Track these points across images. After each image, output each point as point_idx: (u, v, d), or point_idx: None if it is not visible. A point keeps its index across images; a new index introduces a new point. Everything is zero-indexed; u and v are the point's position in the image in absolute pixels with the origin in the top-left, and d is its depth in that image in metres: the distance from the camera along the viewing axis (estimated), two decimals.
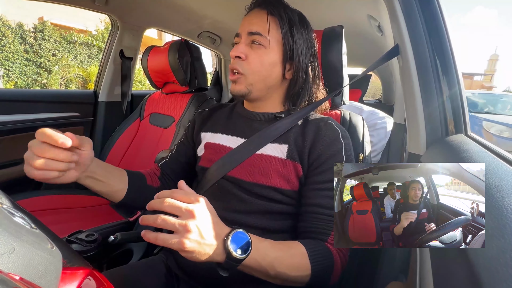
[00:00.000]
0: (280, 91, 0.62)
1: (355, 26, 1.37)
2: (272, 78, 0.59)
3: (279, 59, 0.58)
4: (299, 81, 0.59)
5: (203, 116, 0.71)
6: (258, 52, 0.57)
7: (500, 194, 0.24)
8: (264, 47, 0.57)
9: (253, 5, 0.60)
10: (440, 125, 0.53)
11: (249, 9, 0.61)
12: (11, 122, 1.12)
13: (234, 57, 0.58)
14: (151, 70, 1.29)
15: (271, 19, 0.57)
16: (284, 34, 0.57)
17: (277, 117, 0.61)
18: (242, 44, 0.58)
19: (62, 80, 7.21)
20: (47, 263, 0.24)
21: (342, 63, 0.70)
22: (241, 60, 0.57)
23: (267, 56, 0.57)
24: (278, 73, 0.59)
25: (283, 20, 0.57)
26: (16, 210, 0.30)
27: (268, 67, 0.57)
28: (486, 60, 42.57)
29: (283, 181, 0.55)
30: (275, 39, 0.57)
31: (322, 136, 0.56)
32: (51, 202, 1.07)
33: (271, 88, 0.60)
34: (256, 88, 0.58)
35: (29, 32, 6.69)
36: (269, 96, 0.62)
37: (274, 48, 0.57)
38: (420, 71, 0.53)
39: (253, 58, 0.57)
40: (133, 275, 0.56)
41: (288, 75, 0.60)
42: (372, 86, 5.39)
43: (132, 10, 1.33)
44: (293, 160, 0.55)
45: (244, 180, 0.56)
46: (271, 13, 0.57)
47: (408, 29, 0.54)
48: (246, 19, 0.59)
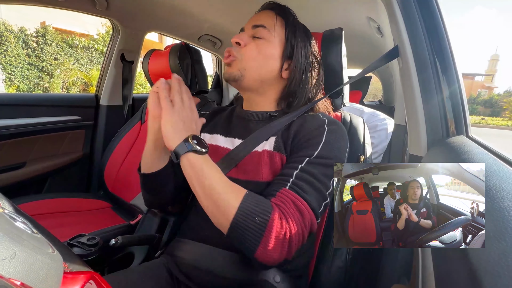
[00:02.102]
0: (275, 89, 0.63)
1: (355, 28, 1.37)
2: (268, 71, 0.60)
3: (278, 54, 0.59)
4: (295, 81, 0.60)
5: (205, 118, 0.71)
6: (258, 43, 0.59)
7: (501, 196, 0.24)
8: (266, 40, 0.59)
9: (262, 8, 0.64)
10: (440, 126, 0.53)
11: (258, 11, 0.64)
12: (13, 126, 1.13)
13: (235, 43, 0.60)
14: (152, 73, 1.30)
15: (278, 18, 0.60)
16: (287, 32, 0.59)
17: (271, 116, 0.62)
18: (245, 34, 0.60)
19: (64, 84, 7.26)
20: (48, 267, 0.24)
21: (342, 65, 0.70)
22: (239, 46, 0.59)
23: (266, 48, 0.59)
24: (274, 68, 0.60)
25: (289, 21, 0.60)
26: (17, 214, 0.30)
27: (264, 57, 0.59)
28: (487, 60, 42.54)
29: (272, 174, 0.55)
30: (278, 36, 0.59)
31: (307, 125, 0.56)
32: (52, 206, 1.07)
33: (265, 83, 0.61)
34: (249, 75, 0.59)
35: (31, 36, 6.75)
36: (263, 91, 0.63)
37: (276, 43, 0.59)
38: (420, 72, 0.53)
39: (251, 47, 0.59)
40: (134, 279, 0.56)
41: (285, 74, 0.61)
42: (373, 88, 5.39)
43: (133, 14, 1.34)
44: (280, 152, 0.56)
45: (239, 179, 0.57)
46: (278, 13, 0.61)
47: (408, 30, 0.55)
48: (254, 16, 0.63)
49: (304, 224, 0.46)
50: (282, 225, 0.44)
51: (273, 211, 0.44)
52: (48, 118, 1.26)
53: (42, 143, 1.24)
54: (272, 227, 0.43)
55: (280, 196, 0.47)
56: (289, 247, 0.44)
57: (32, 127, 1.19)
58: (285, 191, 0.48)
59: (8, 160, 1.14)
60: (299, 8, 0.64)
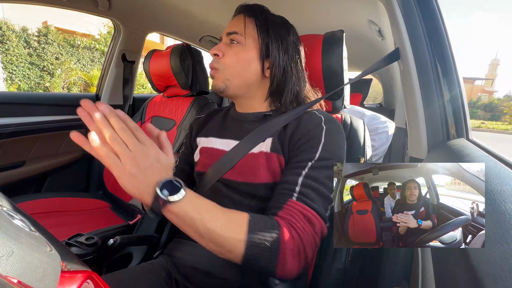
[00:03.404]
0: (262, 89, 0.63)
1: (356, 30, 1.37)
2: (250, 74, 0.60)
3: (256, 55, 0.59)
4: (277, 78, 0.60)
5: (200, 122, 0.73)
6: (235, 49, 0.59)
7: (502, 199, 0.24)
8: (241, 45, 0.59)
9: (236, 12, 0.65)
10: (441, 129, 0.53)
11: (232, 17, 0.65)
12: (13, 125, 1.13)
13: (213, 55, 0.60)
14: (153, 74, 1.30)
15: (248, 19, 0.60)
16: (259, 32, 0.59)
17: (266, 115, 0.62)
18: (221, 44, 0.61)
19: (65, 83, 7.27)
20: (46, 266, 0.24)
21: (343, 67, 0.71)
22: (218, 57, 0.60)
23: (243, 53, 0.59)
24: (256, 70, 0.60)
25: (259, 20, 0.60)
26: (15, 212, 0.30)
27: (244, 63, 0.59)
28: (487, 64, 42.65)
29: (270, 176, 0.55)
30: (251, 37, 0.59)
31: (304, 123, 0.56)
32: (51, 205, 1.07)
33: (252, 86, 0.61)
34: (234, 83, 0.60)
35: (33, 36, 6.76)
36: (251, 94, 0.63)
37: (250, 45, 0.59)
38: (421, 75, 0.53)
39: (229, 55, 0.59)
40: (132, 279, 0.56)
41: (267, 73, 0.61)
42: (373, 90, 5.40)
43: (135, 15, 1.35)
44: (277, 153, 0.55)
45: (236, 181, 0.57)
46: (248, 15, 0.61)
47: (409, 32, 0.55)
48: (228, 24, 0.64)
49: (315, 232, 0.46)
50: (294, 241, 0.43)
51: (282, 229, 0.43)
52: (48, 117, 1.26)
53: (42, 142, 1.24)
54: (286, 246, 0.42)
55: (288, 209, 0.47)
56: (305, 258, 0.45)
57: (32, 126, 1.19)
58: (293, 202, 0.47)
59: (8, 159, 1.14)
60: (300, 11, 0.64)
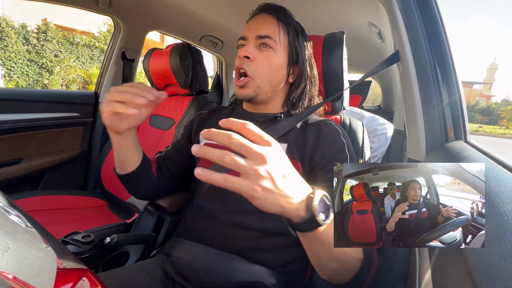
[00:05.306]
0: (282, 93, 0.63)
1: (356, 32, 1.38)
2: (278, 80, 0.60)
3: (285, 62, 0.60)
4: (301, 85, 0.61)
5: (202, 117, 0.72)
6: (266, 55, 0.58)
7: (500, 200, 0.24)
8: (273, 50, 0.58)
9: (259, 10, 0.62)
10: (439, 132, 0.53)
11: (254, 13, 0.62)
12: (11, 121, 1.12)
13: (243, 57, 0.58)
14: (152, 72, 1.30)
15: (280, 24, 0.59)
16: (291, 38, 0.59)
17: (276, 117, 0.62)
18: (251, 46, 0.59)
19: (63, 81, 7.24)
20: (42, 262, 0.24)
21: (343, 68, 0.71)
22: (249, 60, 0.58)
23: (275, 59, 0.58)
24: (283, 76, 0.60)
25: (290, 26, 0.60)
26: (12, 208, 0.30)
27: (275, 70, 0.59)
28: (485, 69, 42.95)
29: None
30: (283, 43, 0.59)
31: (324, 136, 0.57)
32: (48, 203, 1.06)
33: (275, 91, 0.62)
34: (263, 90, 0.60)
35: (32, 33, 6.73)
36: (271, 98, 0.63)
37: (282, 51, 0.59)
38: (420, 78, 0.54)
39: (261, 60, 0.58)
40: (128, 278, 0.56)
41: (291, 79, 0.62)
42: (372, 93, 5.42)
43: (135, 13, 1.35)
44: (293, 158, 0.55)
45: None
46: (279, 19, 0.59)
47: (409, 35, 0.55)
48: (253, 23, 0.61)
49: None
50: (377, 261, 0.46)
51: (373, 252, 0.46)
52: (46, 114, 1.25)
53: (40, 139, 1.23)
54: (374, 252, 0.45)
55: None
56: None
57: (30, 123, 1.18)
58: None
59: (5, 155, 1.13)
60: (300, 11, 0.64)
